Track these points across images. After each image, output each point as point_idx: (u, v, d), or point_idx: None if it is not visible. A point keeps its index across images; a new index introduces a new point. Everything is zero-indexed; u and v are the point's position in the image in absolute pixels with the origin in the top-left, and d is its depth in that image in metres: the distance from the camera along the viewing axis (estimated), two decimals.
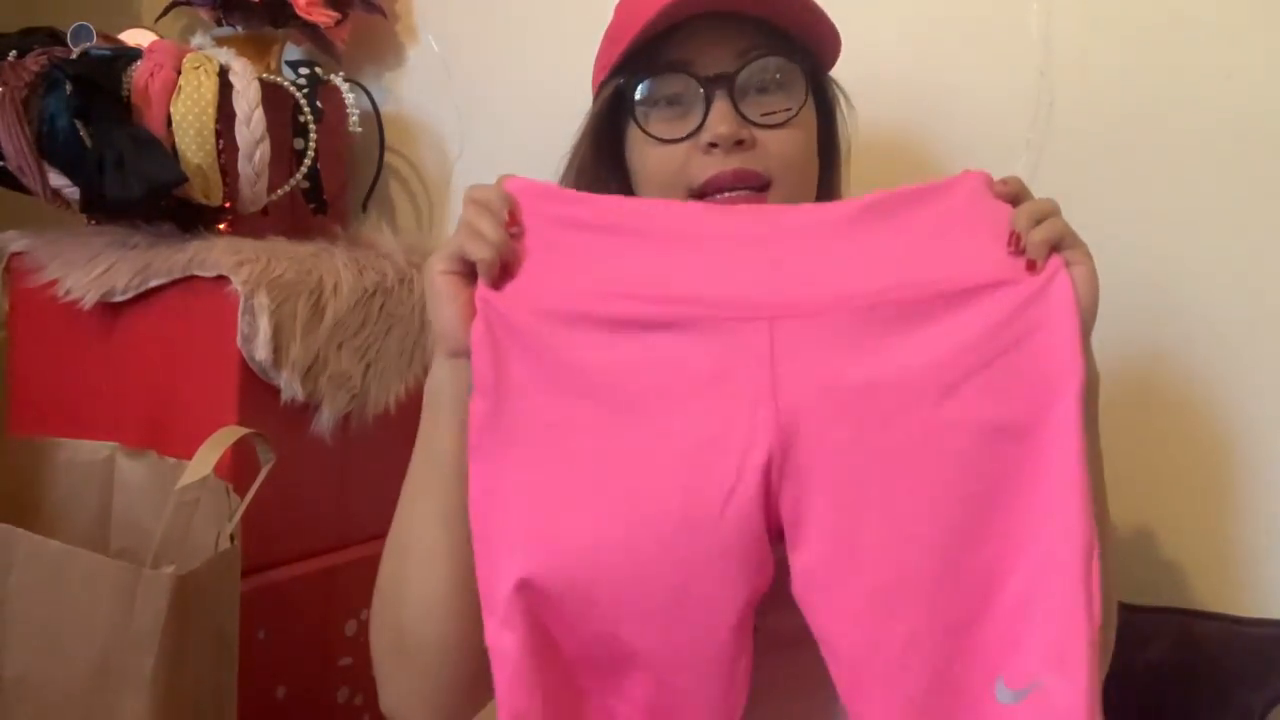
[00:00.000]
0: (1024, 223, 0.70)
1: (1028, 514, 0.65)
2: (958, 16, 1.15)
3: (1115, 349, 1.10)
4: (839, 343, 0.67)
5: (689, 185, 0.84)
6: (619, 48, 0.84)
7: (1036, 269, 0.68)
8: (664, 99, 0.85)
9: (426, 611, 0.76)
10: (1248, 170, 1.03)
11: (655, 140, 0.85)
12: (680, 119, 0.84)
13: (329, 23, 1.42)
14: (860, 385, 0.66)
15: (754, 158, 0.83)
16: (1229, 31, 1.04)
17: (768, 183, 0.84)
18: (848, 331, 0.67)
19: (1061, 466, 0.65)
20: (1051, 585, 0.65)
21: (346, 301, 1.27)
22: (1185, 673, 0.98)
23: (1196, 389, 1.07)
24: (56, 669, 0.91)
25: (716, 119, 0.82)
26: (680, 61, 0.83)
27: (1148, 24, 1.07)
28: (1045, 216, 0.70)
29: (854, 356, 0.67)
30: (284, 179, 1.32)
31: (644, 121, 0.85)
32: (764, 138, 0.83)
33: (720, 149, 0.82)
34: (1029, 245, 0.69)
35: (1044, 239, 0.69)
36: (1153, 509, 1.08)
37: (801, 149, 0.86)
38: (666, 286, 0.69)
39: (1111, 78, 1.09)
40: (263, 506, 1.04)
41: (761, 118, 0.83)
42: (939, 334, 0.67)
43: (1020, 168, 1.12)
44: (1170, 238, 1.07)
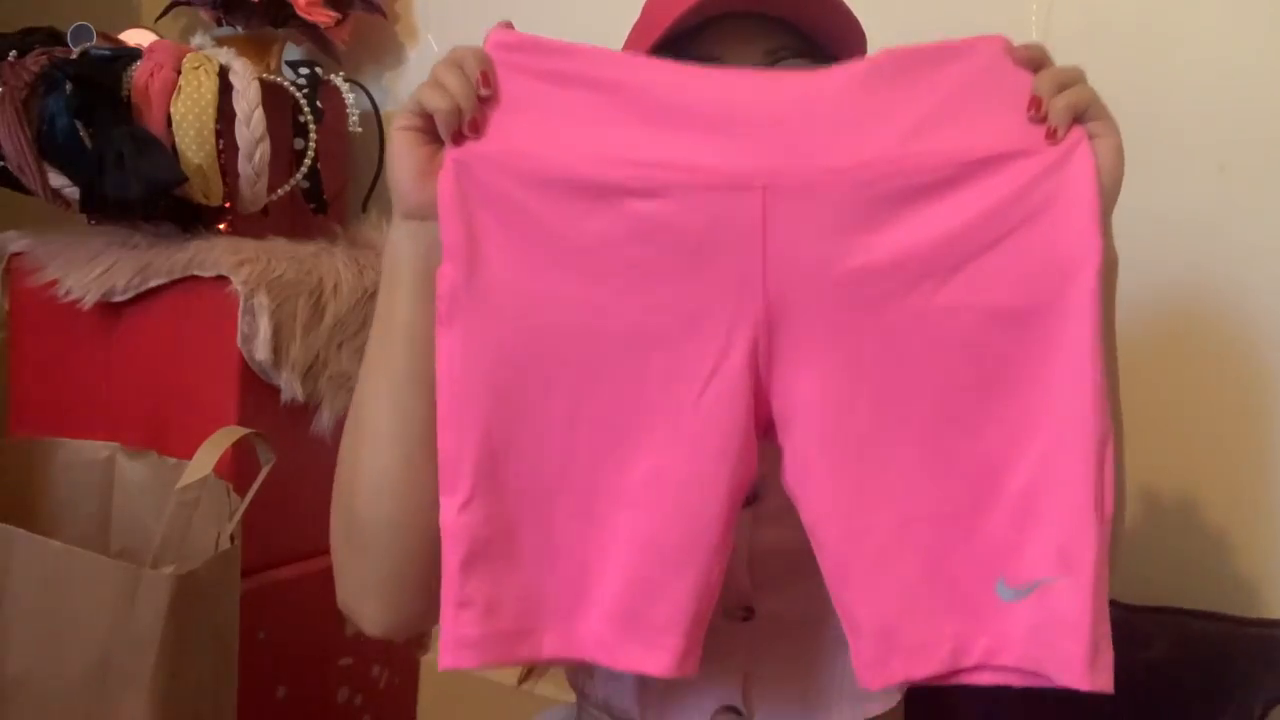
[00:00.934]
0: (1046, 87, 0.65)
1: (1035, 405, 0.62)
2: (957, 17, 1.15)
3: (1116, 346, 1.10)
4: (837, 218, 0.62)
5: None
6: (647, 41, 0.83)
7: (1056, 138, 0.64)
8: None
9: (376, 491, 0.70)
10: (1248, 170, 1.03)
11: None
12: None
13: (329, 23, 1.42)
14: (857, 267, 0.62)
15: None
16: (1229, 31, 1.04)
17: None
18: (847, 206, 0.62)
19: (1073, 356, 0.62)
20: (1059, 480, 0.61)
21: (346, 301, 1.27)
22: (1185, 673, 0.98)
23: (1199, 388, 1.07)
24: (56, 669, 0.91)
25: None
26: (708, 58, 0.81)
27: (1148, 24, 1.07)
28: (1070, 84, 0.65)
29: (852, 234, 0.62)
30: (284, 179, 1.32)
31: None
32: None
33: None
34: (1050, 111, 0.64)
35: (1067, 104, 0.64)
36: (1153, 508, 1.08)
37: None
38: (654, 150, 0.63)
39: (1111, 78, 1.09)
40: (263, 506, 1.04)
41: None
42: (946, 210, 0.62)
43: None
44: (1170, 238, 1.07)
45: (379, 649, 1.39)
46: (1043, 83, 0.65)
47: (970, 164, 0.63)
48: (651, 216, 0.63)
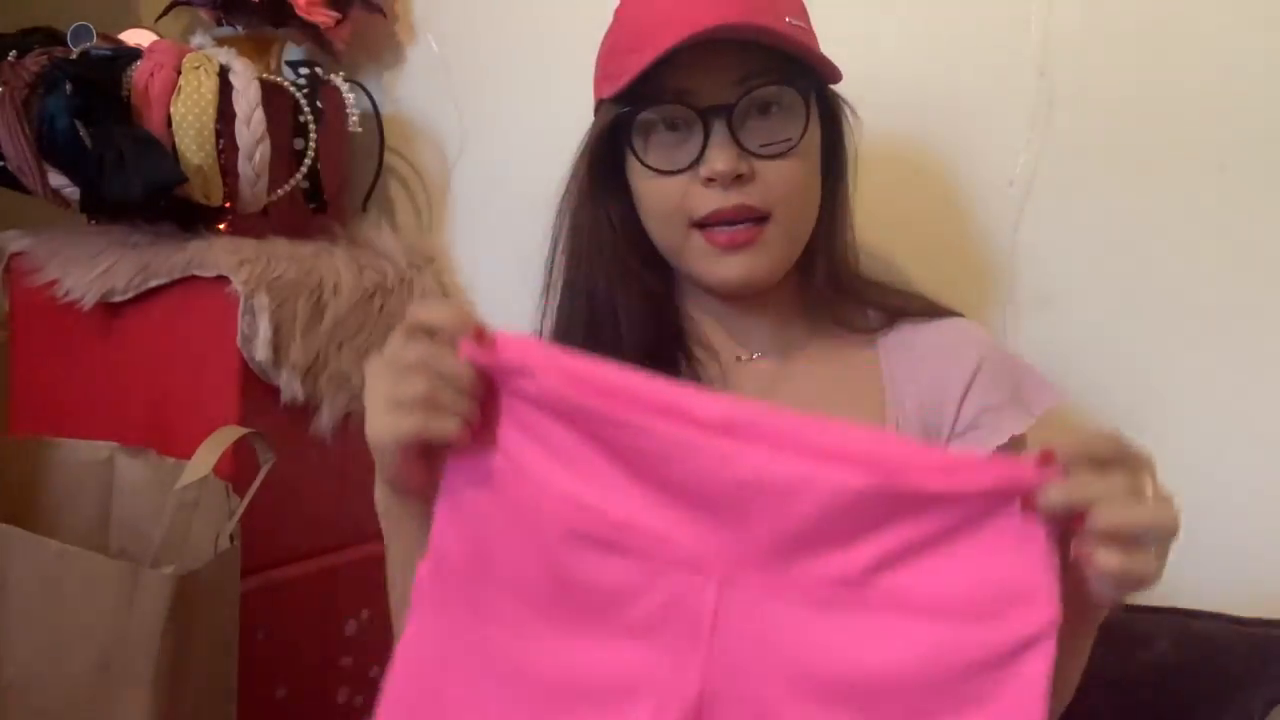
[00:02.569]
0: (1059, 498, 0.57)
1: None
2: (958, 17, 1.15)
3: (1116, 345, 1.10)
4: (784, 627, 0.61)
5: (690, 216, 0.85)
6: (620, 79, 0.83)
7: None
8: (662, 127, 0.85)
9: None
10: (1248, 170, 1.03)
11: (653, 172, 0.85)
12: (679, 147, 0.84)
13: (329, 23, 1.41)
14: (799, 674, 0.61)
15: (753, 191, 0.83)
16: (1229, 31, 1.04)
17: (767, 215, 0.84)
18: (797, 618, 0.61)
19: None
20: None
21: (346, 301, 1.27)
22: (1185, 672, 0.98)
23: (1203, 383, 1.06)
24: (56, 669, 0.91)
25: (715, 154, 0.82)
26: (679, 90, 0.83)
27: (1148, 24, 1.07)
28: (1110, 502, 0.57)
29: (798, 645, 0.61)
30: (284, 179, 1.32)
31: (642, 152, 0.85)
32: (763, 169, 0.83)
33: (719, 184, 0.83)
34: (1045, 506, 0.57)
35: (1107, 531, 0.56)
36: None
37: (801, 179, 0.86)
38: (629, 508, 0.62)
39: (1111, 78, 1.09)
40: (263, 506, 1.04)
41: (761, 148, 0.83)
42: (894, 651, 0.60)
43: (1020, 168, 1.12)
44: (1170, 237, 1.07)
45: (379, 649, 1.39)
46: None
47: (929, 618, 0.60)
48: (611, 572, 0.63)
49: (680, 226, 0.86)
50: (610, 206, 0.90)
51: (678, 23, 0.80)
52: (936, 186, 1.17)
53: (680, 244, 0.87)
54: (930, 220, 1.17)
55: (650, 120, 0.85)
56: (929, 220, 1.17)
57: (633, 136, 0.85)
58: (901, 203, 1.17)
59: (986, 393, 0.86)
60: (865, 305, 0.92)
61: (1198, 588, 1.05)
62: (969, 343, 0.89)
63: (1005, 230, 1.13)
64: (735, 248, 0.84)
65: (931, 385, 0.87)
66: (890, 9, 1.19)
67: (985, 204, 1.14)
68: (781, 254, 0.87)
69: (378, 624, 1.39)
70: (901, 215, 1.16)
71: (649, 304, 0.90)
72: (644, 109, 0.84)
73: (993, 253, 1.14)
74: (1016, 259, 1.13)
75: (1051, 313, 1.12)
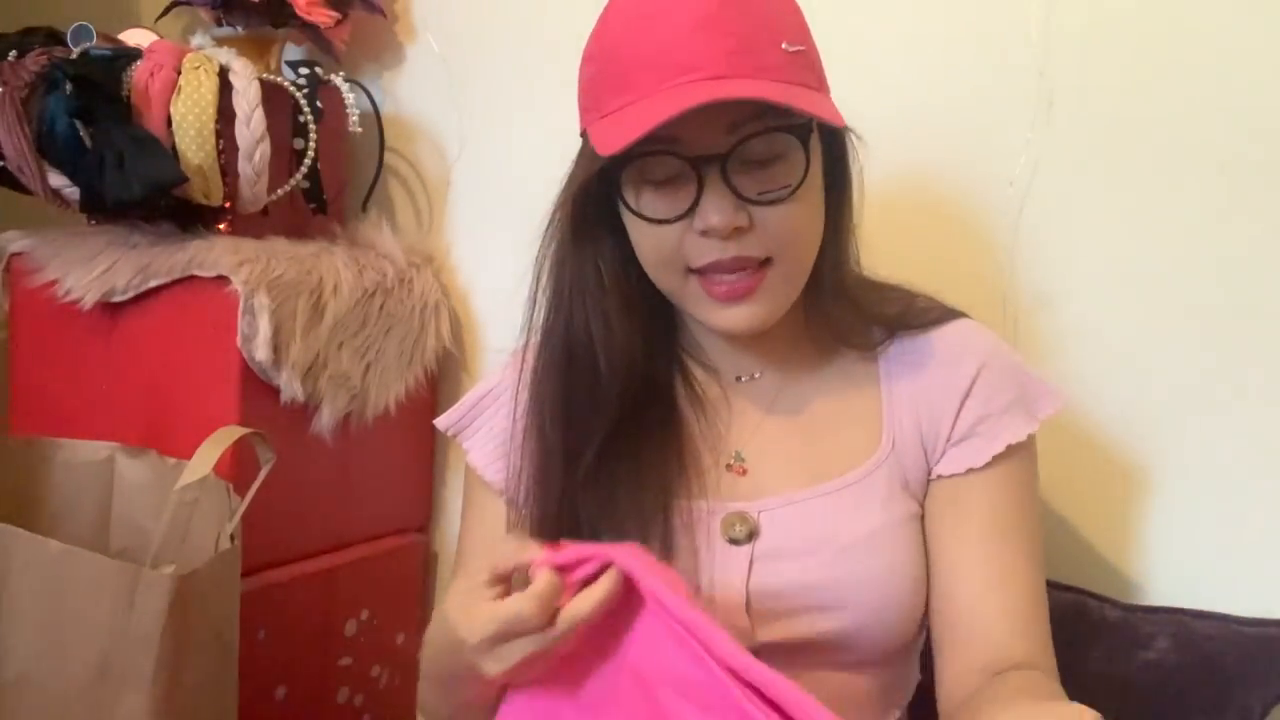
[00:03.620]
0: None
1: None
2: (958, 17, 1.15)
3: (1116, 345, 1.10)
4: None
5: (687, 265, 0.81)
6: (605, 123, 0.78)
7: None
8: (654, 176, 0.80)
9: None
10: (1248, 170, 1.03)
11: (647, 220, 0.80)
12: (673, 195, 0.79)
13: (329, 23, 1.42)
14: None
15: (753, 242, 0.79)
16: (1229, 31, 1.04)
17: (768, 259, 0.80)
18: None
19: None
20: None
21: (346, 301, 1.27)
22: (1184, 672, 0.98)
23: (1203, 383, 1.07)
24: (56, 669, 0.91)
25: (710, 206, 0.77)
26: (667, 138, 0.76)
27: (1148, 24, 1.07)
28: None
29: None
30: (284, 179, 1.32)
31: (633, 200, 0.81)
32: (762, 216, 0.78)
33: (716, 235, 0.78)
34: None
35: None
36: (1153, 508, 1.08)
37: (802, 222, 0.81)
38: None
39: (1111, 78, 1.09)
40: (263, 506, 1.04)
41: (759, 195, 0.78)
42: None
43: (1020, 168, 1.12)
44: (1170, 237, 1.07)
45: (379, 649, 1.39)
46: None
47: None
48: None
49: (677, 273, 0.82)
50: (596, 249, 0.85)
51: (661, 67, 0.75)
52: (936, 186, 1.17)
53: (678, 288, 0.83)
54: (930, 220, 1.17)
55: (641, 177, 0.80)
56: (929, 220, 1.17)
57: (622, 184, 0.81)
58: (902, 203, 1.17)
59: (985, 401, 0.85)
60: (868, 319, 0.89)
61: (1197, 588, 1.06)
62: (968, 351, 0.87)
63: (1005, 230, 1.13)
64: (736, 299, 0.81)
65: (929, 398, 0.86)
66: (891, 9, 1.19)
67: (985, 204, 1.14)
68: (784, 296, 0.83)
69: (378, 624, 1.39)
70: (902, 215, 1.16)
71: (637, 341, 0.86)
72: (631, 160, 0.79)
73: (993, 253, 1.14)
74: (1016, 259, 1.13)
75: (1051, 313, 1.12)
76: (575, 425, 0.85)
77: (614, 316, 0.86)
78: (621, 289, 0.86)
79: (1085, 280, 1.11)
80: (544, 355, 0.88)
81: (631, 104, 0.76)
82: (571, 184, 0.84)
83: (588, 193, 0.83)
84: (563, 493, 0.84)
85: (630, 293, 0.87)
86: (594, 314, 0.86)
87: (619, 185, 0.81)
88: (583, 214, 0.84)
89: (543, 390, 0.88)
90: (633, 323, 0.87)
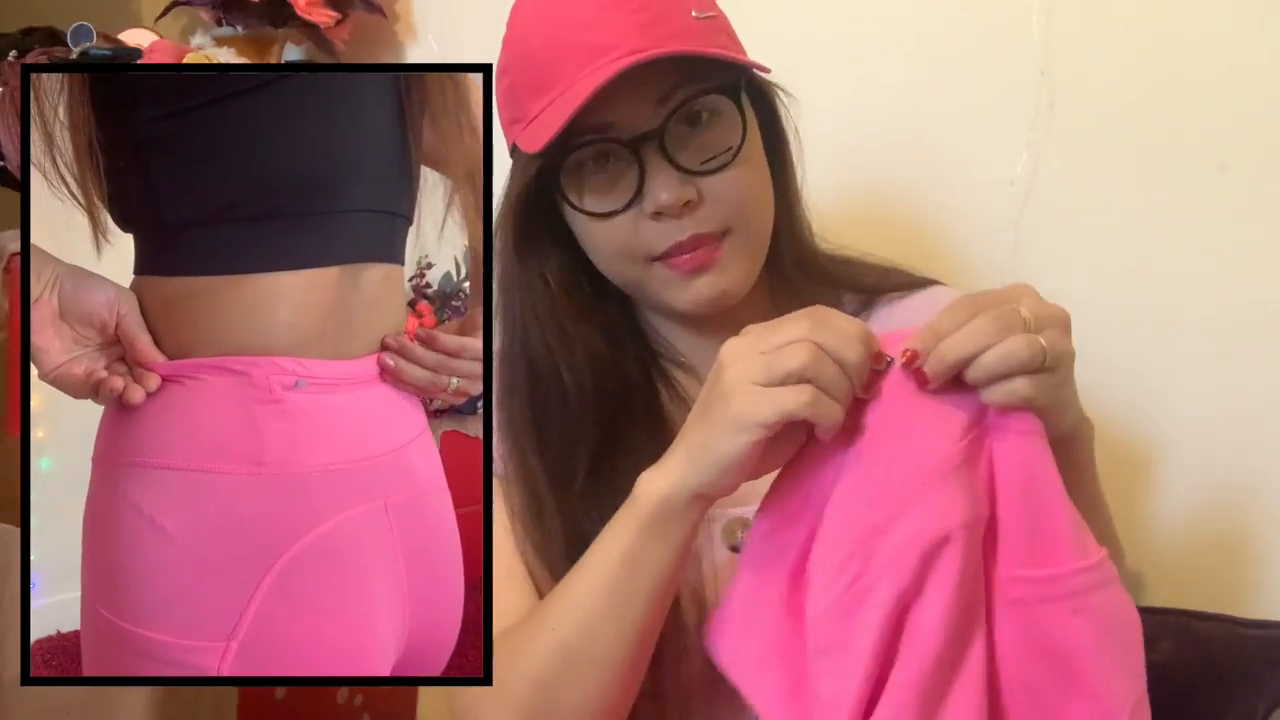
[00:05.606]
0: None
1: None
2: (958, 17, 1.15)
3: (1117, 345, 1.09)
4: None
5: (647, 254, 0.78)
6: (530, 127, 0.76)
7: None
8: (591, 164, 0.77)
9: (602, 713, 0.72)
10: (1248, 170, 1.03)
11: (594, 216, 0.78)
12: (615, 183, 0.77)
13: (329, 23, 1.42)
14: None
15: (706, 216, 0.77)
16: (1229, 31, 1.03)
17: (727, 230, 0.78)
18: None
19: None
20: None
21: None
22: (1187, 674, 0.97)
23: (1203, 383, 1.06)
24: None
25: (656, 185, 0.75)
26: (598, 125, 0.74)
27: (1148, 24, 1.07)
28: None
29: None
30: None
31: (576, 198, 0.78)
32: (710, 185, 0.76)
33: (668, 215, 0.76)
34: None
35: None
36: (1155, 508, 1.08)
37: (751, 186, 0.79)
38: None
39: (1111, 78, 1.09)
40: None
41: (702, 165, 0.76)
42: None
43: (1020, 168, 1.12)
44: (1170, 237, 1.07)
45: None
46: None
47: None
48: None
49: (637, 263, 0.79)
50: (541, 263, 0.83)
51: (578, 52, 0.74)
52: (937, 186, 1.17)
53: (640, 278, 0.80)
54: (930, 220, 1.17)
55: (577, 160, 0.77)
56: (930, 219, 1.17)
57: (562, 183, 0.78)
58: (902, 203, 1.17)
59: None
60: (839, 288, 0.88)
61: (1199, 588, 1.05)
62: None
63: (1005, 230, 1.13)
64: (700, 270, 0.78)
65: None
66: (891, 9, 1.19)
67: (985, 204, 1.14)
68: (748, 264, 0.80)
69: None
70: (902, 215, 1.16)
71: (599, 345, 0.84)
72: (565, 155, 0.76)
73: (993, 253, 1.14)
74: (1016, 259, 1.13)
75: None
76: (553, 446, 0.82)
77: (570, 325, 0.83)
78: (574, 297, 0.83)
79: (1085, 280, 1.10)
80: (504, 380, 0.85)
81: (554, 100, 0.75)
82: (508, 199, 0.81)
83: (527, 205, 0.80)
84: (559, 512, 0.81)
85: (585, 300, 0.84)
86: (548, 327, 0.82)
87: (560, 188, 0.78)
88: (524, 229, 0.81)
89: (513, 420, 0.84)
90: (591, 328, 0.84)
